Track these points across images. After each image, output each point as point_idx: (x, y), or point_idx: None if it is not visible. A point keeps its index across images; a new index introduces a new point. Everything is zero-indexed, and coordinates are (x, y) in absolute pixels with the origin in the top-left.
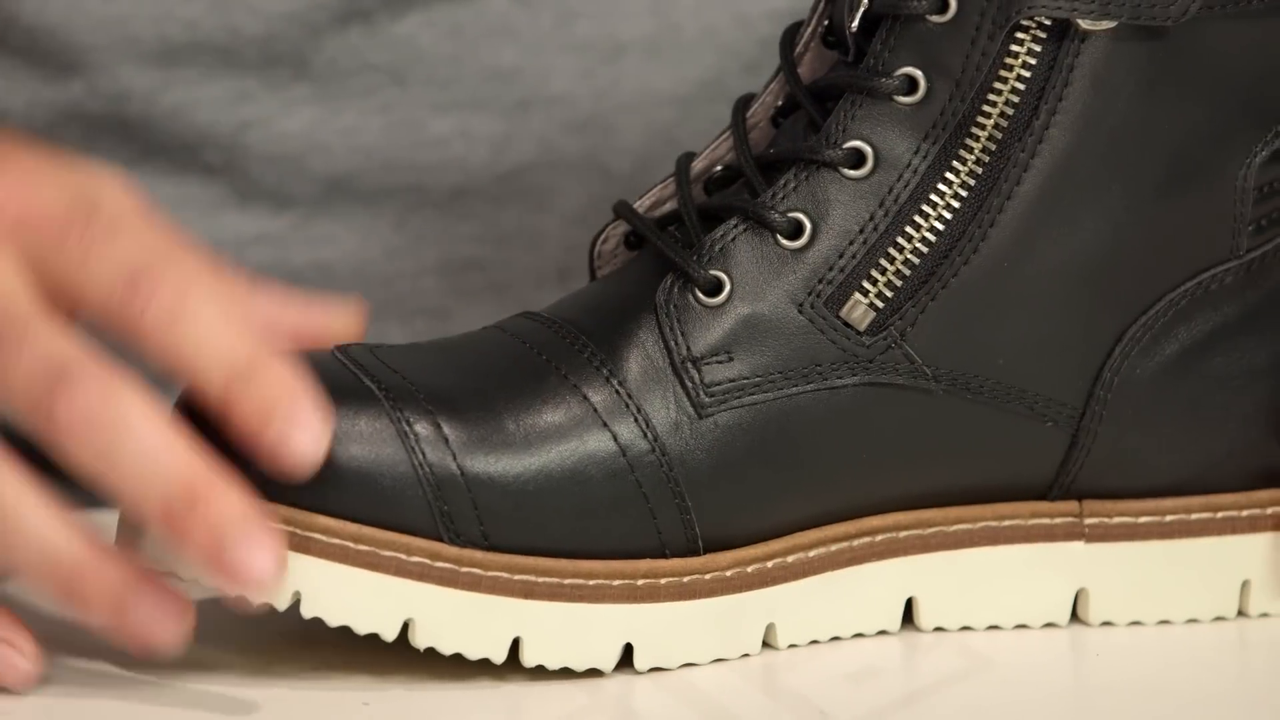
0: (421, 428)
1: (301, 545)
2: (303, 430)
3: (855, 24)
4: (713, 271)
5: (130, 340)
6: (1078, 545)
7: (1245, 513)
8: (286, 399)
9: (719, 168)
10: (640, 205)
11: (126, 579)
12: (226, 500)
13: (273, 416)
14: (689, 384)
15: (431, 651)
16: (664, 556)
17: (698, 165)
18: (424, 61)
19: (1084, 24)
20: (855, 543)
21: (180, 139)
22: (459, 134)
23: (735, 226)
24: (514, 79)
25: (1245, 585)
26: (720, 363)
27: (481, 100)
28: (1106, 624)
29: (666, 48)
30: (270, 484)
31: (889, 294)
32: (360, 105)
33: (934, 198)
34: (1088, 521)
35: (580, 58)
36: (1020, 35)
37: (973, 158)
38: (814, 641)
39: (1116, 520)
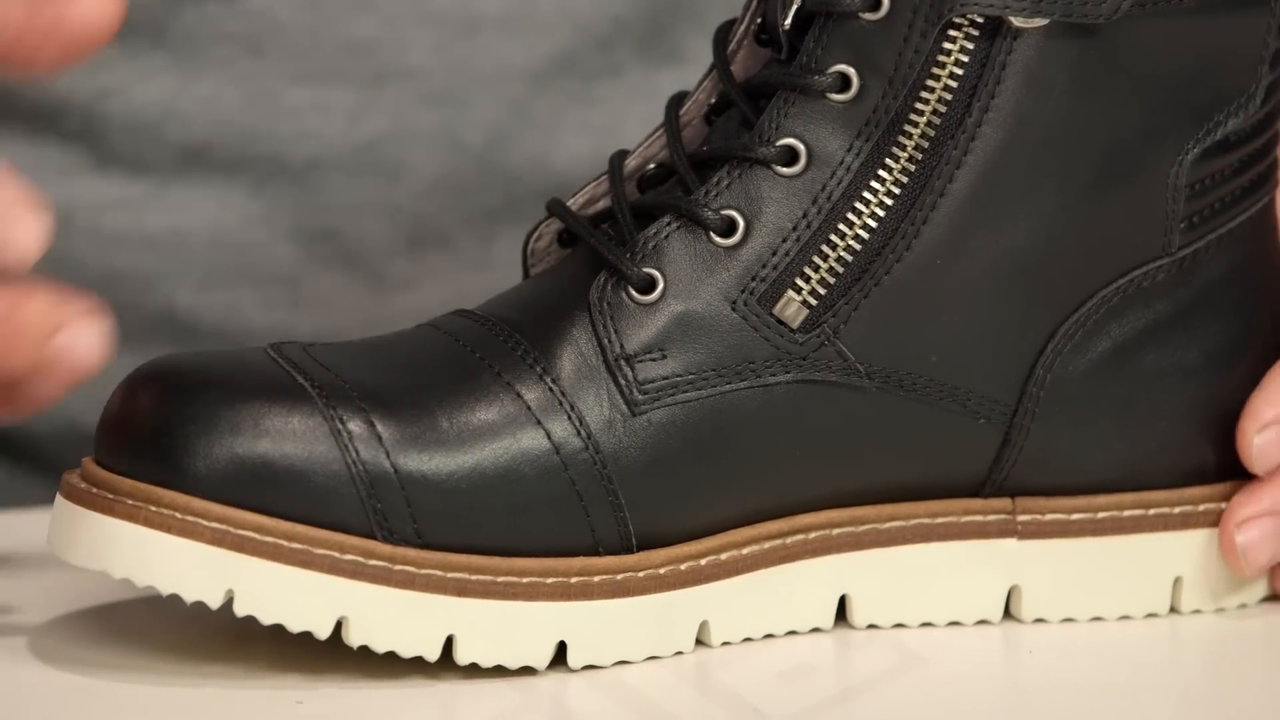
0: (355, 425)
1: (235, 543)
2: (81, 333)
3: (788, 22)
4: (646, 269)
5: None
6: (1010, 542)
7: (1177, 510)
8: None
9: (652, 165)
10: (573, 203)
11: None
12: (29, 305)
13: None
14: (622, 382)
15: (365, 650)
16: (597, 554)
17: (630, 163)
18: (282, 32)
19: (1016, 22)
20: (788, 540)
21: (38, 106)
22: (315, 105)
23: (668, 224)
24: (370, 51)
25: (1177, 582)
26: (654, 360)
27: (338, 72)
28: (1039, 621)
29: (522, 23)
30: (201, 482)
31: (822, 291)
32: (218, 75)
33: (867, 195)
34: (1020, 519)
35: (436, 31)
36: (953, 33)
37: (905, 155)
38: (747, 639)
39: (1049, 517)
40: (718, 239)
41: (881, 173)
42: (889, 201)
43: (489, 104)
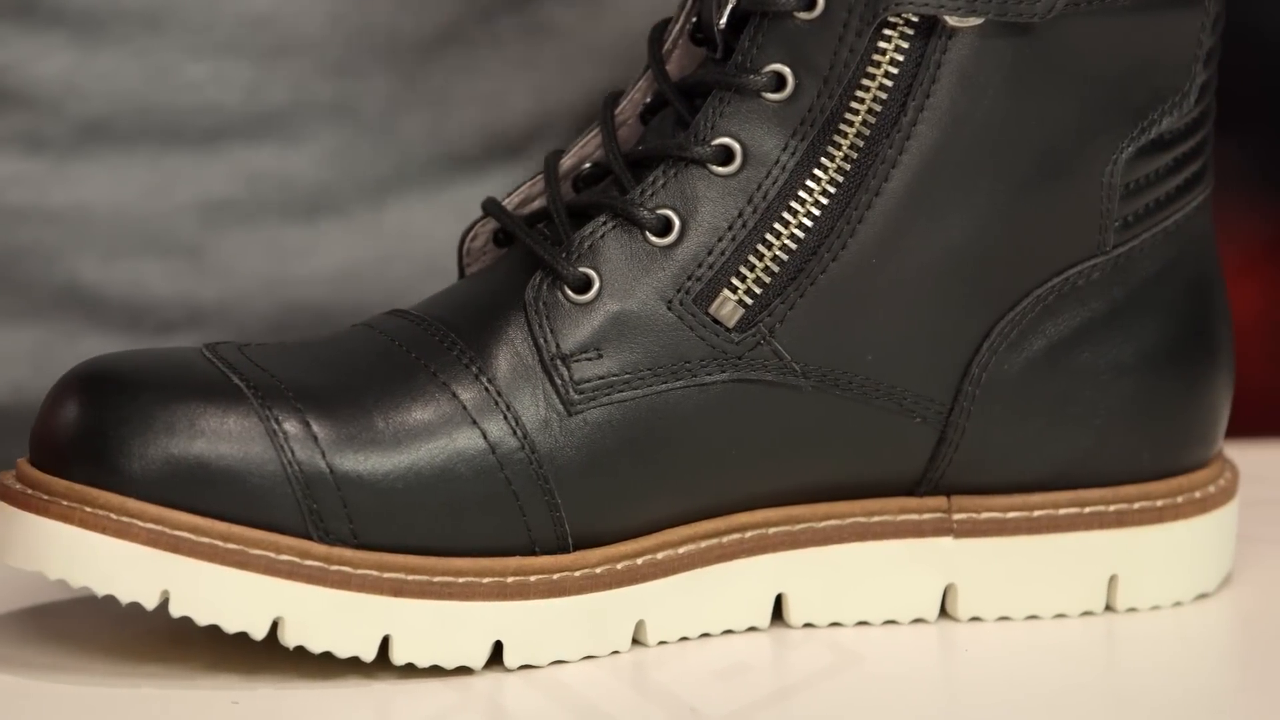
0: (290, 426)
1: (170, 544)
2: None
3: (723, 21)
4: (582, 269)
5: None
6: (946, 541)
7: (1112, 508)
8: None
9: (588, 165)
10: (509, 202)
11: None
12: None
13: None
14: (558, 381)
15: (301, 650)
16: (534, 554)
17: (566, 162)
18: (179, 7)
19: (951, 21)
20: (725, 539)
21: None
22: (214, 78)
23: (604, 224)
24: (267, 24)
25: (1113, 580)
26: (590, 360)
27: (236, 45)
28: (975, 619)
29: None
30: (137, 482)
31: (758, 290)
32: (116, 50)
33: (802, 194)
34: (956, 517)
35: (332, 3)
36: (888, 32)
37: (841, 154)
38: (684, 638)
39: (985, 516)
40: (653, 238)
41: (817, 172)
42: (824, 201)
43: (384, 74)
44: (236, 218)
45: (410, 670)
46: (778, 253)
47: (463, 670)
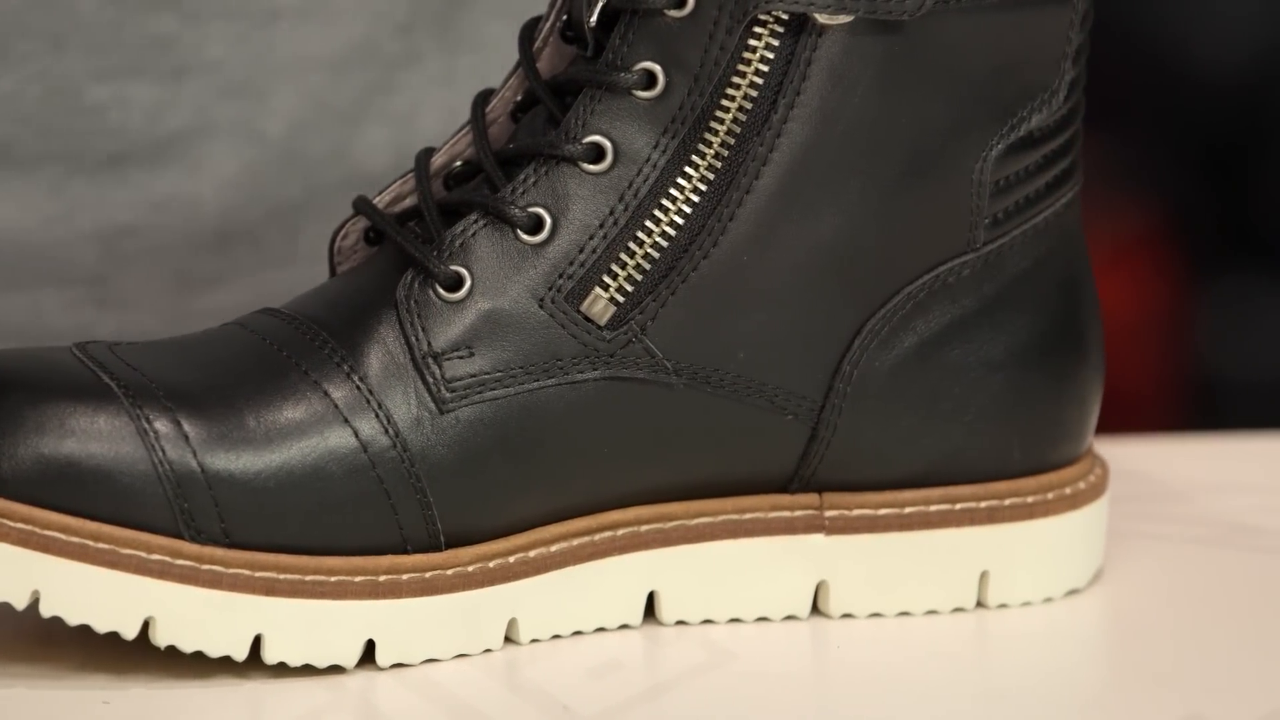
0: (161, 425)
1: (40, 544)
2: None
3: (594, 18)
4: (453, 267)
5: None
6: (818, 538)
7: (983, 504)
8: None
9: (459, 163)
10: (380, 201)
11: None
12: None
13: None
14: (430, 379)
15: (172, 649)
16: (406, 552)
17: (437, 160)
18: (83, 28)
19: (821, 18)
20: (597, 537)
21: None
22: (116, 101)
23: (475, 222)
24: (171, 46)
25: (984, 576)
26: (461, 358)
27: (139, 67)
28: (847, 616)
29: (319, 12)
30: (6, 482)
31: (629, 288)
32: (18, 72)
33: (673, 192)
34: (828, 514)
35: (235, 24)
36: (758, 30)
37: (711, 152)
38: (556, 636)
39: (856, 513)
40: (525, 236)
41: (688, 170)
42: (695, 198)
43: (288, 95)
44: (140, 246)
45: (282, 669)
46: (649, 251)
47: (335, 669)
